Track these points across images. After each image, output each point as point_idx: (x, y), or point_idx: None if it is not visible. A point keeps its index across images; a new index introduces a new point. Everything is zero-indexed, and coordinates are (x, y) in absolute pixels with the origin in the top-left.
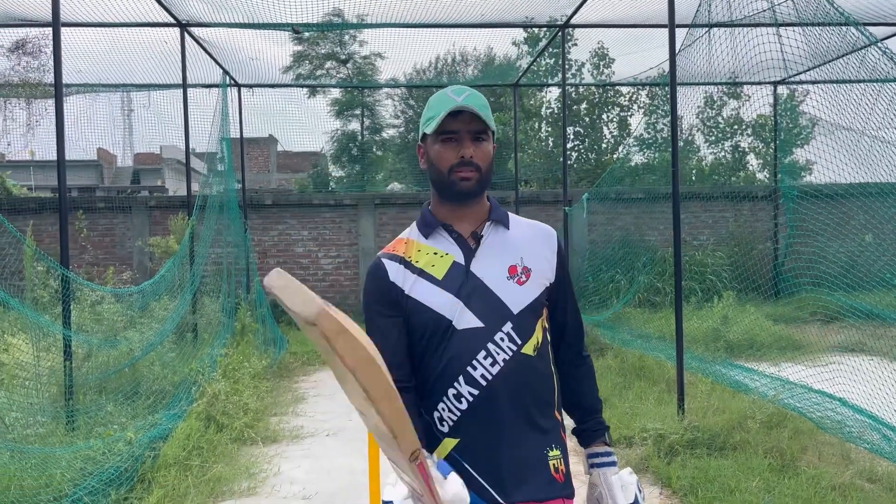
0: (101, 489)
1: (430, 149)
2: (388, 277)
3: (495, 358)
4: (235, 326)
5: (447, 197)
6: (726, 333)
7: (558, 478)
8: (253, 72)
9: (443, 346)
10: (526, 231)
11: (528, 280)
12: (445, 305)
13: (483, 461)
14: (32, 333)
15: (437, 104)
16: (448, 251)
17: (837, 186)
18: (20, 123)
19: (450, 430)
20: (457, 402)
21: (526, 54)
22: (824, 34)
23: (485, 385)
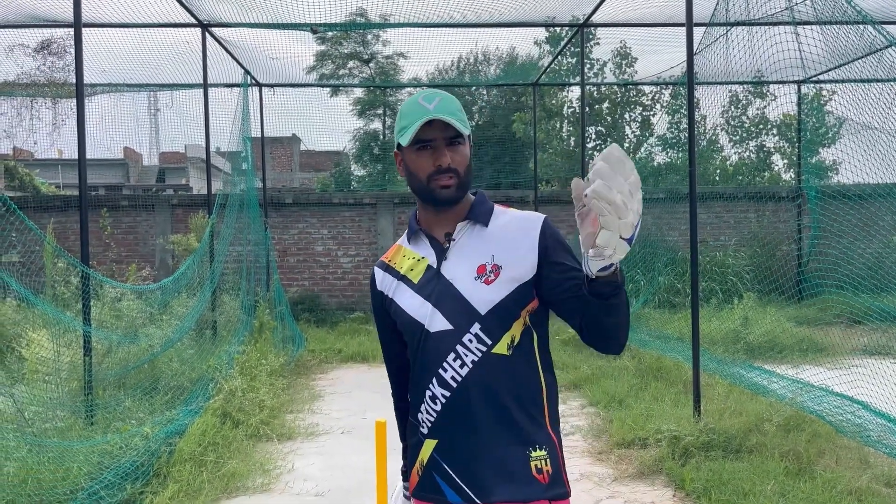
0: (118, 483)
1: (407, 158)
2: (376, 286)
3: (464, 360)
4: (254, 324)
5: (430, 203)
6: (746, 335)
7: (541, 478)
8: (274, 71)
9: (420, 350)
10: (507, 226)
11: (496, 279)
12: (419, 309)
13: (460, 462)
14: (53, 329)
15: (409, 113)
16: (424, 255)
17: (864, 187)
18: (46, 123)
19: (429, 432)
20: (432, 404)
21: (548, 54)
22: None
23: (455, 386)
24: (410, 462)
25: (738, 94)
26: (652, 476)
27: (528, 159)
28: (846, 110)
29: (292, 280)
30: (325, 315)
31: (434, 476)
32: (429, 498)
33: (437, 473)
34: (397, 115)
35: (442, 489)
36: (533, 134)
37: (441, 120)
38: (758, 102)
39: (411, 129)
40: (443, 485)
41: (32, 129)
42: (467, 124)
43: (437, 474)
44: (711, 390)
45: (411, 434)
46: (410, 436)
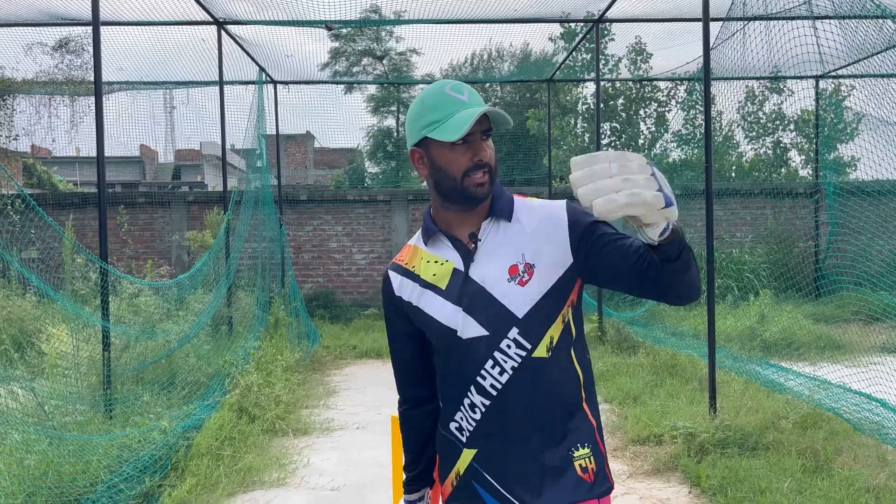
0: (136, 476)
1: (435, 154)
2: (394, 291)
3: (503, 367)
4: (269, 320)
5: (459, 202)
6: (763, 332)
7: (587, 478)
8: (289, 68)
9: (453, 357)
10: (532, 220)
11: (531, 278)
12: (449, 316)
13: (502, 470)
14: (72, 324)
15: (439, 105)
16: (448, 258)
17: (883, 183)
18: (64, 120)
19: (468, 441)
20: (471, 413)
21: (562, 50)
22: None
23: (495, 395)
24: (444, 472)
25: (754, 89)
26: (667, 473)
27: (543, 156)
28: (865, 106)
29: (307, 276)
30: (339, 311)
31: (474, 485)
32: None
33: (477, 482)
34: (418, 109)
35: (482, 498)
36: (547, 131)
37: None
38: (774, 98)
39: (454, 123)
40: (483, 493)
41: (51, 127)
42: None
43: (477, 483)
44: (727, 387)
45: (444, 443)
46: (444, 445)
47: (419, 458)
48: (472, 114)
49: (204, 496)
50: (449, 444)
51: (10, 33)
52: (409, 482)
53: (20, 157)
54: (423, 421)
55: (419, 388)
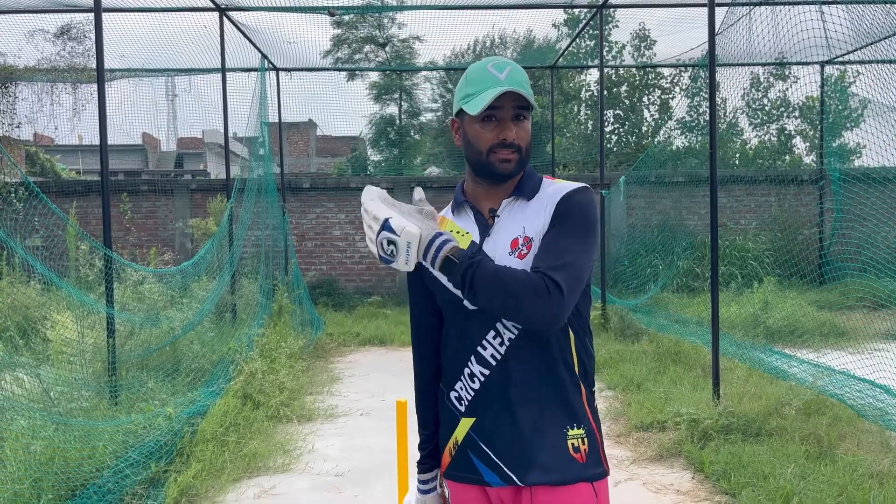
0: (142, 461)
1: (467, 126)
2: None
3: (503, 337)
4: (273, 307)
5: (485, 176)
6: (766, 319)
7: (578, 458)
8: (291, 55)
9: (457, 327)
10: (546, 198)
11: (529, 252)
12: None
13: (498, 441)
14: (77, 311)
15: (477, 80)
16: (469, 230)
17: (889, 169)
18: (67, 108)
19: (466, 410)
20: (471, 382)
21: (566, 36)
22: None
23: (495, 364)
24: (443, 441)
25: (759, 76)
26: (670, 459)
27: (546, 143)
28: (871, 92)
29: (310, 264)
30: (342, 299)
31: (470, 455)
32: (463, 478)
33: (473, 452)
34: (462, 81)
35: (478, 468)
36: (551, 118)
37: (512, 92)
38: (779, 84)
39: (481, 99)
40: (479, 464)
41: (53, 115)
42: (533, 99)
43: (473, 453)
44: (730, 374)
45: (445, 412)
46: (444, 414)
47: (435, 433)
48: (494, 92)
49: (209, 481)
50: (449, 412)
51: (12, 20)
52: (424, 460)
53: (23, 146)
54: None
55: (435, 359)
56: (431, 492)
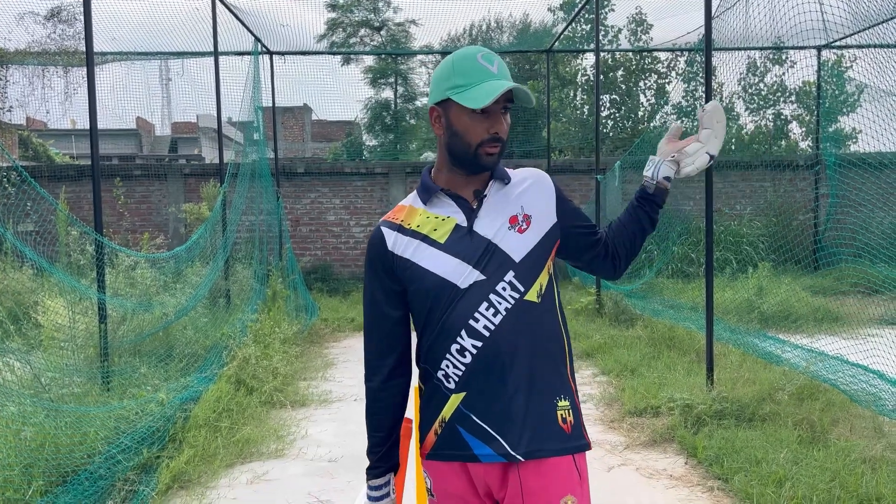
0: (134, 447)
1: (454, 117)
2: (385, 245)
3: (497, 308)
4: (267, 293)
5: (466, 168)
6: (761, 305)
7: (565, 428)
8: (285, 39)
9: (445, 306)
10: (524, 181)
11: (528, 227)
12: (451, 268)
13: (490, 411)
14: (69, 297)
15: (468, 71)
16: (449, 214)
17: (885, 154)
18: (58, 92)
19: (456, 387)
20: (461, 357)
21: (562, 20)
22: None
23: (488, 336)
24: (427, 423)
25: (755, 60)
26: (664, 444)
27: (542, 128)
28: (867, 77)
29: (305, 250)
30: (337, 284)
31: (459, 429)
32: (450, 455)
33: (462, 427)
34: (447, 70)
35: (467, 442)
36: (546, 102)
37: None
38: (776, 69)
39: (482, 92)
40: (468, 437)
41: (45, 99)
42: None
43: (462, 427)
44: (724, 359)
45: (429, 393)
46: (429, 395)
47: (389, 436)
48: (499, 86)
49: (202, 467)
50: (434, 393)
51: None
52: (376, 465)
53: (15, 130)
54: (396, 395)
55: (395, 356)
56: (384, 497)
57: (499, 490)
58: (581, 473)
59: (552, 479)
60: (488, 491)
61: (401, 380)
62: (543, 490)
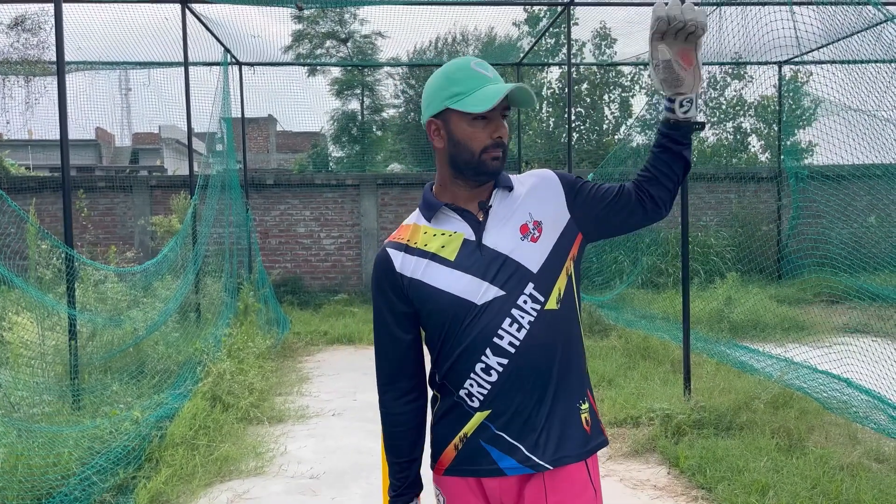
0: (110, 468)
1: (455, 126)
2: (394, 268)
3: (521, 322)
4: (238, 306)
5: (472, 177)
6: (730, 314)
7: (587, 429)
8: (254, 50)
9: (464, 326)
10: (525, 185)
11: (541, 234)
12: (463, 286)
13: (517, 425)
14: (37, 312)
15: (465, 79)
16: (456, 230)
17: (842, 168)
18: (19, 102)
19: (480, 405)
20: (486, 376)
21: (526, 34)
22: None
23: (514, 352)
24: (445, 440)
25: (715, 75)
26: (646, 454)
27: (511, 141)
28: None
29: (274, 262)
30: (308, 297)
31: (481, 444)
32: (471, 471)
33: (485, 441)
34: (442, 80)
35: (491, 455)
36: (518, 116)
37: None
38: (735, 84)
39: (481, 97)
40: (492, 450)
41: (5, 109)
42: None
43: (485, 441)
44: (699, 369)
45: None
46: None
47: (414, 462)
48: (501, 89)
49: (180, 486)
50: (453, 409)
51: None
52: (401, 493)
53: None
54: (414, 418)
55: (411, 379)
56: None
57: None
58: (596, 489)
59: (570, 494)
60: None
61: (417, 403)
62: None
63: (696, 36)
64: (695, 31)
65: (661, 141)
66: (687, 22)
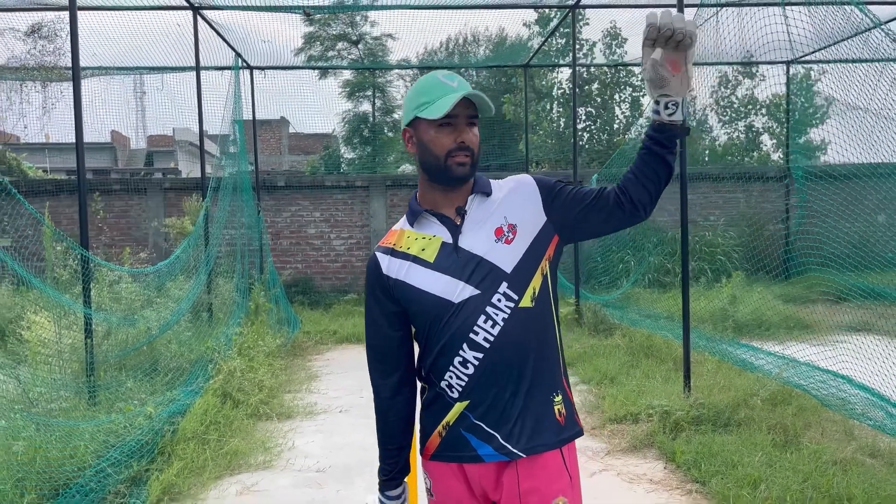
0: (124, 461)
1: (423, 133)
2: (381, 270)
3: (495, 319)
4: (249, 306)
5: (442, 181)
6: (734, 313)
7: (561, 421)
8: (265, 54)
9: (444, 322)
10: (502, 191)
11: (515, 236)
12: (445, 286)
13: (493, 415)
14: (54, 312)
15: (430, 90)
16: (435, 233)
17: (849, 167)
18: (36, 106)
19: (459, 395)
20: (463, 368)
21: (537, 35)
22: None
23: (488, 347)
24: (430, 428)
25: (727, 74)
26: (644, 449)
27: (518, 141)
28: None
29: (285, 263)
30: (318, 297)
31: (462, 432)
32: (453, 456)
33: (465, 429)
34: (413, 92)
35: (470, 443)
36: (525, 116)
37: (466, 98)
38: (747, 83)
39: (441, 104)
40: (471, 438)
41: (22, 114)
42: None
43: (465, 430)
44: (701, 367)
45: (433, 402)
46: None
47: (403, 448)
48: (456, 97)
49: (191, 479)
50: (436, 399)
51: None
52: (392, 477)
53: None
54: (404, 408)
55: (400, 373)
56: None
57: (493, 491)
58: (572, 475)
59: (544, 480)
60: (484, 493)
61: (407, 395)
62: (535, 491)
63: (685, 45)
64: (683, 40)
65: (647, 143)
66: (675, 30)
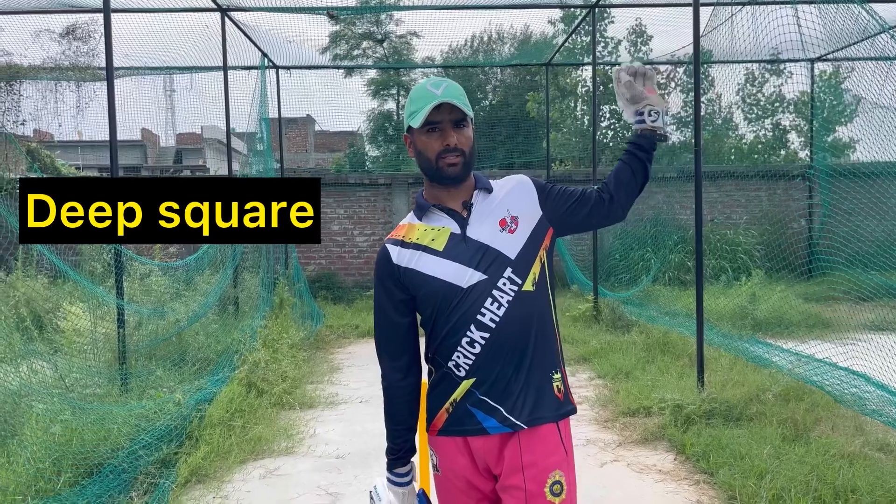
0: (154, 444)
1: (416, 140)
2: (391, 260)
3: (500, 301)
4: (274, 300)
5: (438, 181)
6: (754, 311)
7: (559, 396)
8: (291, 53)
9: (453, 305)
10: (505, 187)
11: (517, 227)
12: (452, 272)
13: (497, 390)
14: (89, 303)
15: (418, 98)
16: (444, 225)
17: (876, 165)
18: (70, 105)
19: (466, 374)
20: (470, 348)
21: (562, 32)
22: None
23: (494, 327)
24: (438, 405)
25: (754, 71)
26: (654, 442)
27: (542, 139)
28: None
29: (310, 259)
30: (341, 292)
31: (468, 407)
32: (459, 430)
33: (472, 405)
34: (408, 101)
35: (476, 417)
36: (546, 114)
37: (448, 103)
38: (774, 80)
39: (422, 113)
40: (476, 412)
41: (57, 113)
42: (470, 108)
43: (471, 405)
44: (716, 363)
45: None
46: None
47: (411, 429)
48: (430, 106)
49: (217, 462)
50: (443, 379)
51: (19, 20)
52: (399, 456)
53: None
54: (411, 392)
55: (407, 357)
56: (408, 484)
57: (496, 465)
58: (567, 450)
59: (542, 454)
60: (486, 467)
61: (413, 378)
62: (534, 465)
63: (650, 76)
64: (646, 74)
65: (629, 149)
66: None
